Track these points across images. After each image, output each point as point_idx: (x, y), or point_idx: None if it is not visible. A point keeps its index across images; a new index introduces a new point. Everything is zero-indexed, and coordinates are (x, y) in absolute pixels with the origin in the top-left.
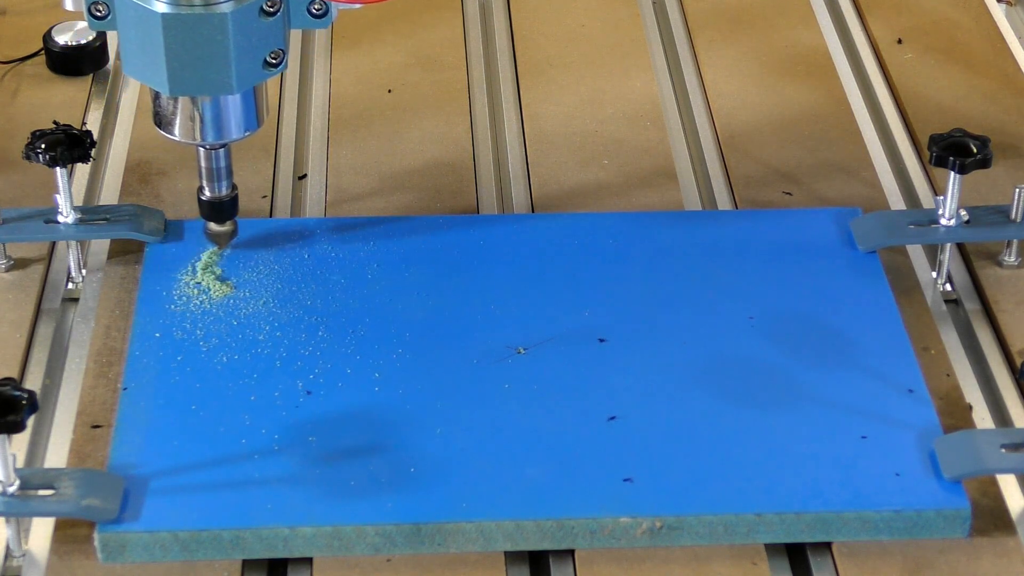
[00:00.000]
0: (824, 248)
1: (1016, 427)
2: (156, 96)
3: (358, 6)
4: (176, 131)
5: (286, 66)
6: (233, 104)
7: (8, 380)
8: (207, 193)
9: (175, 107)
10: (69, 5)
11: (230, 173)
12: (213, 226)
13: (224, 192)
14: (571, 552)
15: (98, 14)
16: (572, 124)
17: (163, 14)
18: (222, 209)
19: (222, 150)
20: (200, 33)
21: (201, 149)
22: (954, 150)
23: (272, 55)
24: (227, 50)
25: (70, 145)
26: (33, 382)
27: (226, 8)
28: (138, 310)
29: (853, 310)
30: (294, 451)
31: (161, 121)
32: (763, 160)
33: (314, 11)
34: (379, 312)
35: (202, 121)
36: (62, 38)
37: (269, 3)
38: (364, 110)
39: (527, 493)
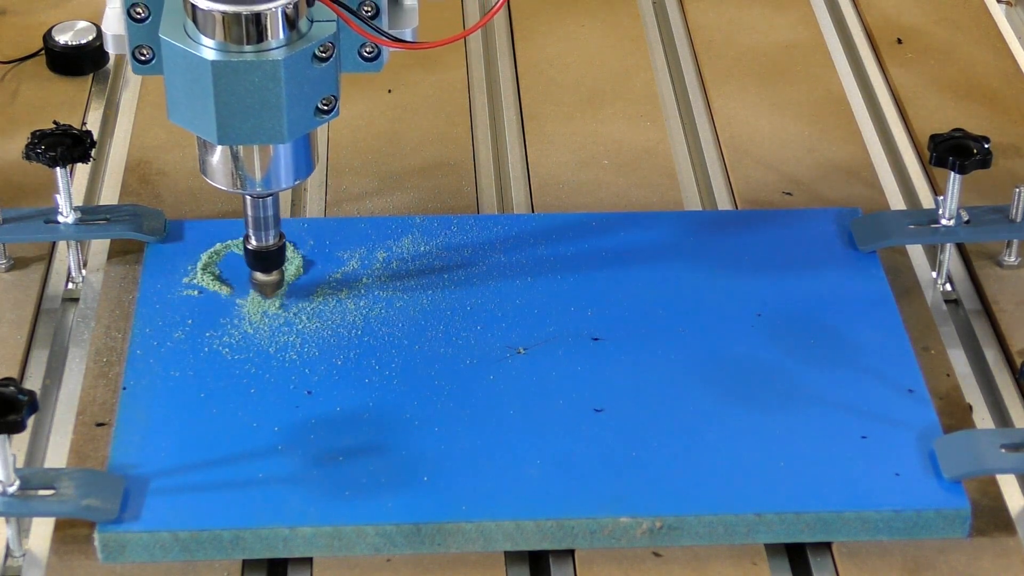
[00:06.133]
0: (824, 248)
1: (1016, 427)
2: (201, 143)
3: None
4: (221, 179)
5: (338, 113)
6: (283, 152)
7: (8, 380)
8: (253, 242)
9: (221, 154)
10: (111, 48)
11: (277, 222)
12: (259, 275)
13: (271, 242)
14: (571, 552)
15: (142, 58)
16: (572, 124)
17: (213, 61)
18: (268, 259)
19: (269, 199)
20: (251, 81)
21: (248, 197)
22: (954, 150)
23: (324, 101)
24: (279, 98)
25: (70, 145)
26: (33, 382)
27: (278, 55)
28: (138, 310)
29: (853, 310)
30: (294, 451)
31: (205, 168)
32: (763, 160)
33: (365, 54)
34: (379, 312)
35: (249, 170)
36: (62, 38)
37: (322, 48)
38: (364, 110)
39: (527, 493)
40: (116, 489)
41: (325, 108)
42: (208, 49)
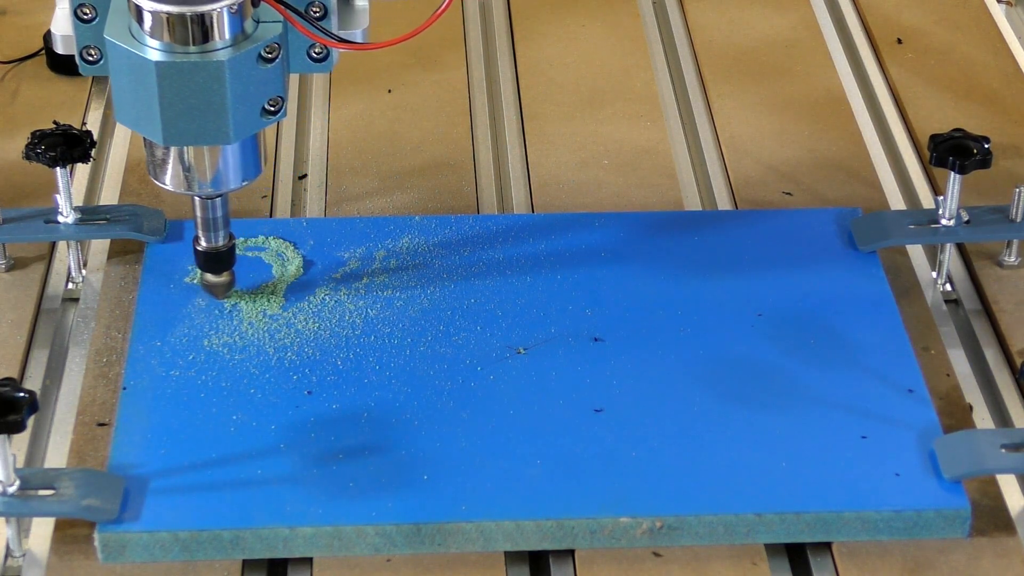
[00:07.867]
0: (824, 248)
1: (1016, 427)
2: (149, 144)
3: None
4: (169, 180)
5: (285, 114)
6: (230, 153)
7: (8, 380)
8: (203, 243)
9: (168, 155)
10: (60, 48)
11: (227, 223)
12: (209, 276)
13: (221, 242)
14: (571, 552)
15: (90, 59)
16: (572, 124)
17: (157, 62)
18: (219, 260)
19: (219, 199)
20: (196, 82)
21: (196, 199)
22: (954, 150)
23: (271, 102)
24: (224, 99)
25: (70, 145)
26: (33, 382)
27: (223, 55)
28: (138, 310)
29: (853, 310)
30: (294, 451)
31: (154, 169)
32: (763, 160)
33: (314, 55)
34: (379, 311)
35: (197, 171)
36: None
37: (267, 49)
38: (364, 110)
39: (527, 493)
40: (116, 489)
41: (272, 109)
42: (152, 50)
